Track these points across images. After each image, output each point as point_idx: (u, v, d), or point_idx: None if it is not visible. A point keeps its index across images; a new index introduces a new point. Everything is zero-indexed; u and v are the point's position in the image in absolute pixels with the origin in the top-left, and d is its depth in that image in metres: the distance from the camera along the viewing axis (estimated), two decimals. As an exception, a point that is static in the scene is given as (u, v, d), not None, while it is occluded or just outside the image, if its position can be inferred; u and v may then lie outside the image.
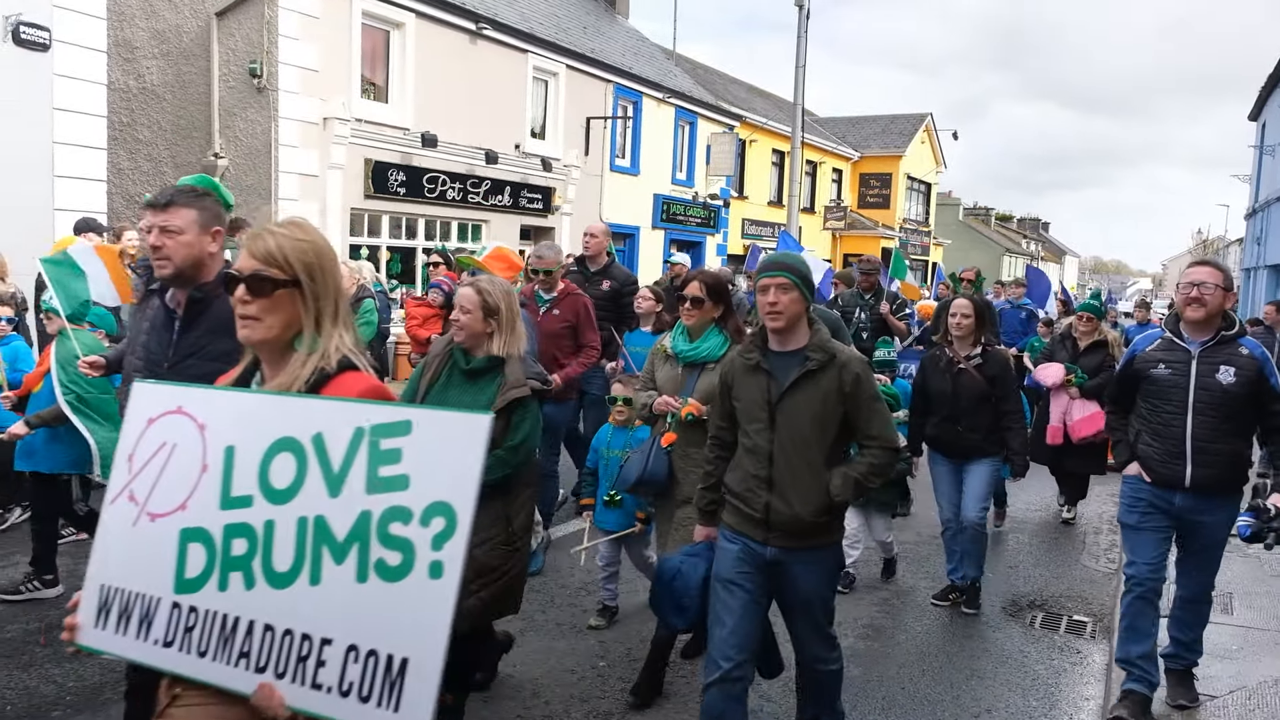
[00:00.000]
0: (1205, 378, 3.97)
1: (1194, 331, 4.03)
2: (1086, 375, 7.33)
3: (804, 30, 20.72)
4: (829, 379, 3.20)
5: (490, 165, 15.84)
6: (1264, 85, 20.82)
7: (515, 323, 3.72)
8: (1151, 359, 4.14)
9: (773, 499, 3.24)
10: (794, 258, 3.36)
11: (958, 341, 5.60)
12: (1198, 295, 3.93)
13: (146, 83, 13.06)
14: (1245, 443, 4.09)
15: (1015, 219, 75.24)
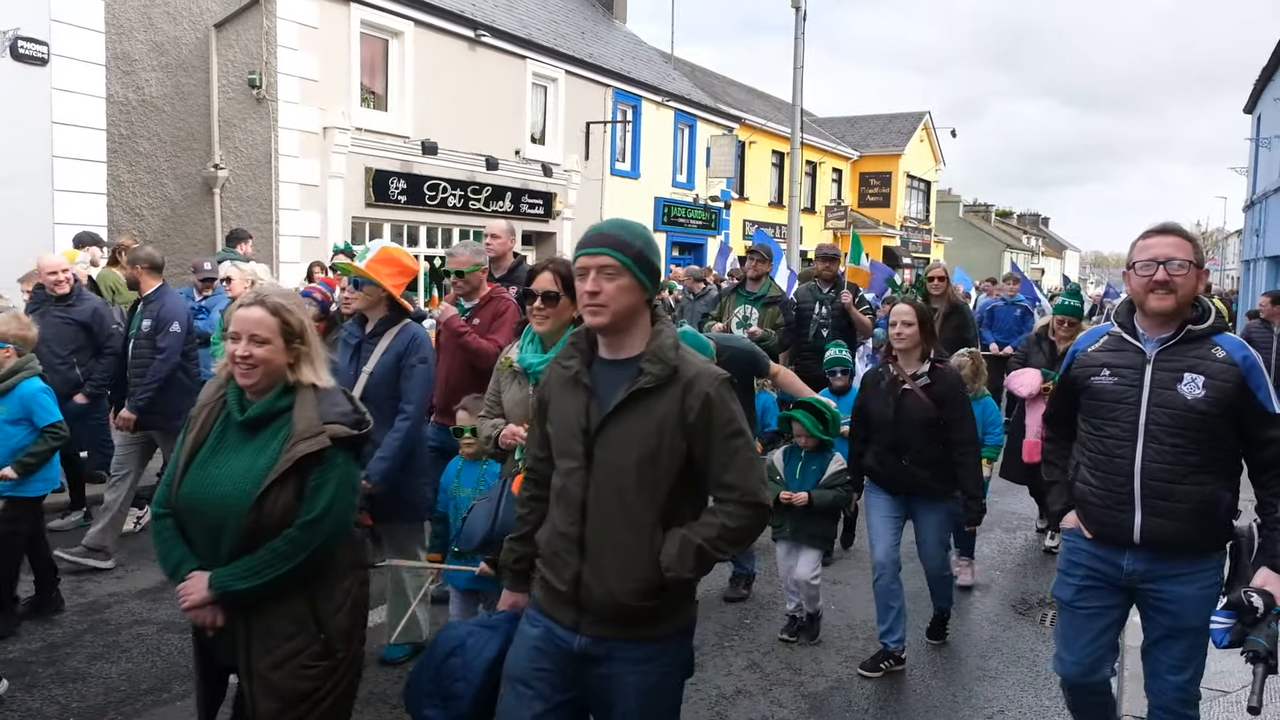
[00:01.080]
0: (1163, 389, 2.92)
1: (1152, 326, 2.99)
2: None
3: (801, 32, 20.73)
4: (668, 402, 2.27)
5: (491, 171, 15.85)
6: (1258, 79, 20.80)
7: (318, 346, 2.70)
8: (1093, 362, 3.09)
9: (585, 569, 2.32)
10: (625, 228, 2.37)
11: (901, 356, 4.63)
12: (1164, 278, 2.88)
13: (146, 95, 13.08)
14: (1221, 482, 2.93)
15: (1016, 215, 75.22)
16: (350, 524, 2.66)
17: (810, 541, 4.97)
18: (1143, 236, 3.00)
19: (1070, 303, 6.86)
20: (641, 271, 2.31)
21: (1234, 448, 2.96)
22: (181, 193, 12.98)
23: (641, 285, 2.31)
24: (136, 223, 13.08)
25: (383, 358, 4.22)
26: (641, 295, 2.32)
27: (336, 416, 2.60)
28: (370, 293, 4.22)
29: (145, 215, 13.15)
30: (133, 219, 13.09)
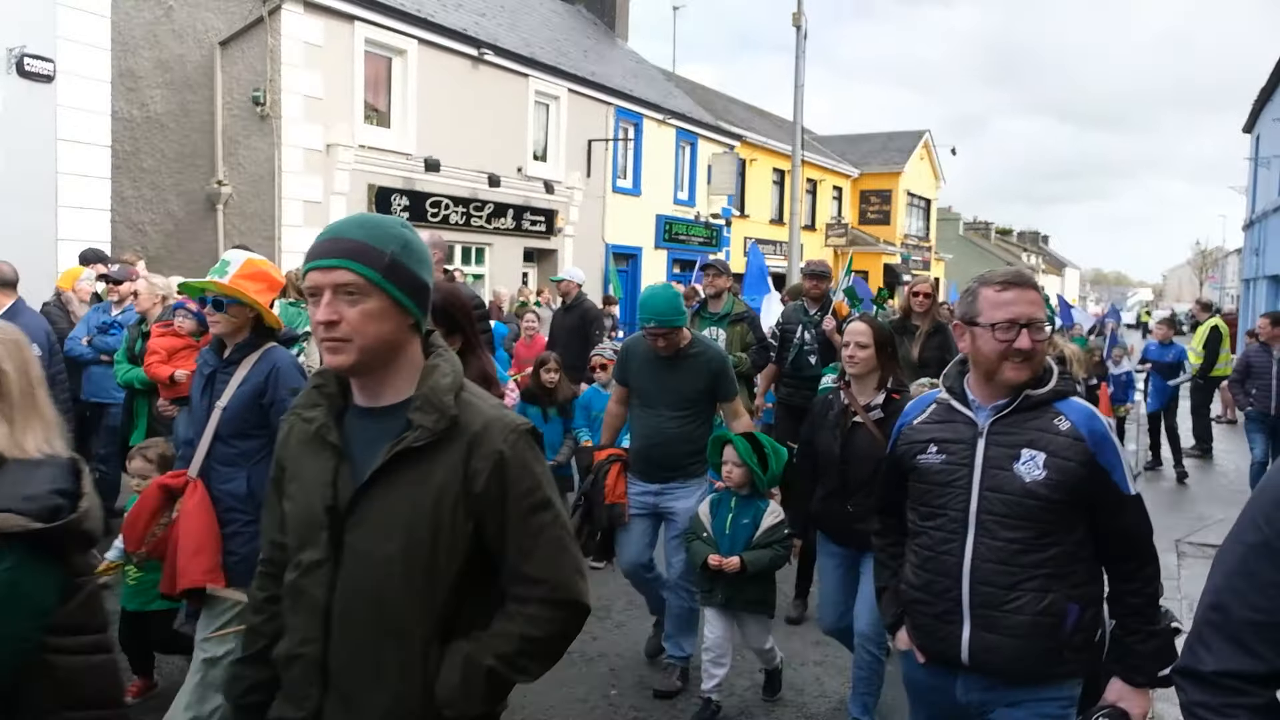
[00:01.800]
0: (996, 469, 2.37)
1: (985, 392, 2.44)
2: None
3: (802, 51, 20.87)
4: (446, 465, 1.66)
5: (493, 188, 15.91)
6: (1257, 98, 20.92)
7: (35, 395, 1.79)
8: (920, 437, 2.54)
9: (329, 705, 1.70)
10: (372, 228, 1.70)
11: (855, 383, 3.98)
12: (1028, 346, 2.35)
13: (150, 112, 13.15)
14: (1068, 589, 2.35)
15: (1015, 233, 75.44)
16: (20, 648, 1.58)
17: (750, 608, 4.25)
18: (995, 287, 2.39)
19: None
20: (399, 288, 1.66)
21: (1085, 543, 2.38)
22: (185, 209, 13.03)
23: (400, 307, 1.67)
24: (139, 239, 13.12)
25: (238, 390, 3.38)
26: (402, 320, 1.68)
27: (17, 502, 1.60)
28: (236, 314, 3.42)
29: (148, 231, 13.20)
30: (136, 235, 13.13)
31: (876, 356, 3.94)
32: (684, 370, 4.51)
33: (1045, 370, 2.45)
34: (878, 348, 3.95)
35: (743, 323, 7.15)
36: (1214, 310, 16.36)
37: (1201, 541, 7.72)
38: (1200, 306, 15.85)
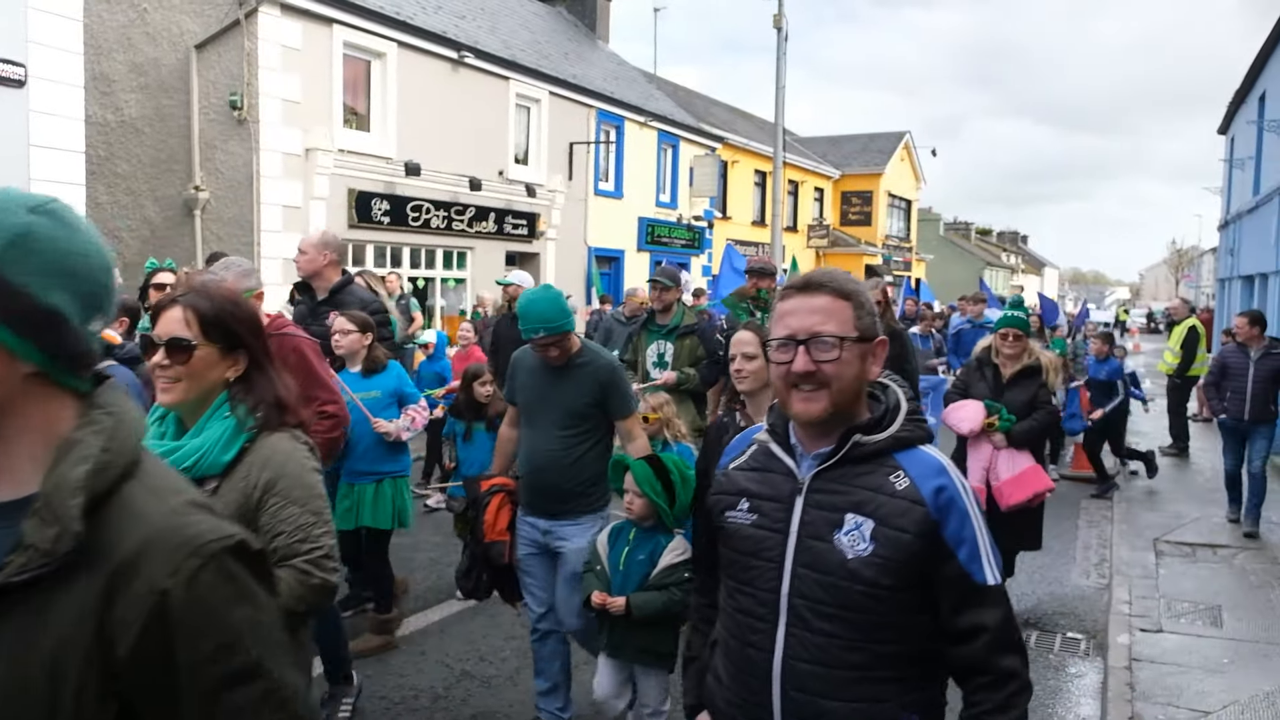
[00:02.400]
0: (813, 541, 1.81)
1: (807, 435, 1.88)
2: (1014, 415, 5.47)
3: (783, 53, 20.94)
4: (69, 614, 0.99)
5: (474, 192, 15.85)
6: (1231, 101, 21.12)
7: None
8: (732, 487, 1.97)
9: None
10: None
11: (749, 402, 3.43)
12: (807, 367, 1.79)
13: (125, 116, 13.02)
14: (904, 695, 1.80)
15: (995, 233, 75.92)
16: None
17: (641, 659, 3.63)
18: (786, 295, 1.87)
19: (1014, 315, 5.85)
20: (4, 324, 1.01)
21: (927, 636, 1.80)
22: (161, 215, 12.91)
23: (7, 352, 1.02)
24: (115, 245, 12.99)
25: None
26: (15, 369, 1.03)
27: None
28: None
29: (124, 238, 13.07)
30: (112, 241, 13.00)
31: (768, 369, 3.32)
32: (570, 382, 3.96)
33: (889, 406, 1.87)
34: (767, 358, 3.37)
35: (692, 335, 6.55)
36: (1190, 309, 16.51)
37: (1179, 540, 7.79)
38: (1182, 303, 15.97)
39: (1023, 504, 5.38)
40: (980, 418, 5.48)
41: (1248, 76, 18.73)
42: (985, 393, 5.61)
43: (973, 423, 5.49)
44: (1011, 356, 5.61)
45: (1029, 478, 5.40)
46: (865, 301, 1.87)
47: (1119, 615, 5.93)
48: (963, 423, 5.56)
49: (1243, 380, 8.13)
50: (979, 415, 5.50)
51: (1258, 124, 17.18)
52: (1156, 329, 44.46)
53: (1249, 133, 18.56)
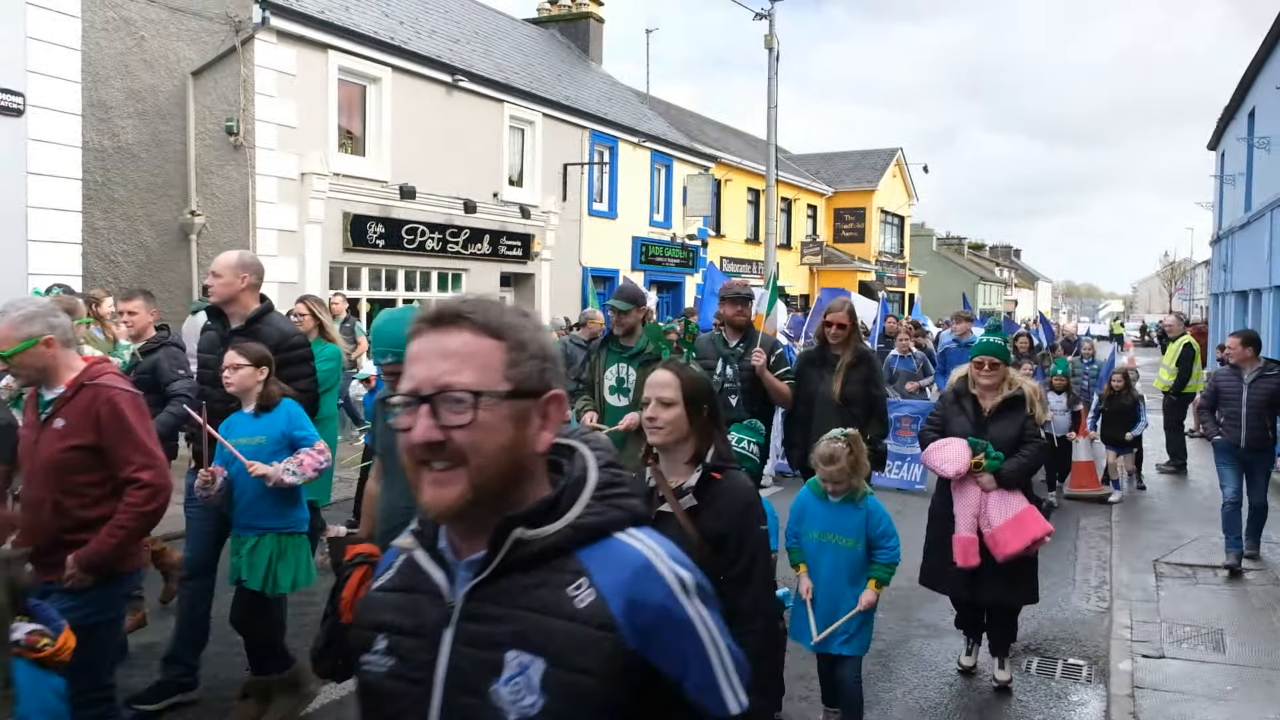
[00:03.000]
0: (466, 694, 1.25)
1: (457, 536, 1.34)
2: (1002, 453, 4.91)
3: (774, 73, 21.07)
4: None
5: (469, 214, 15.89)
6: (1220, 117, 21.30)
7: None
8: (368, 618, 1.41)
9: None
10: None
11: (663, 457, 2.94)
12: (434, 436, 1.25)
13: (122, 142, 13.04)
14: None
15: (988, 247, 76.24)
16: None
17: None
18: (418, 338, 1.34)
19: (989, 341, 5.36)
20: None
21: None
22: (158, 240, 12.92)
23: None
24: (112, 270, 12.99)
25: None
26: None
27: None
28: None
29: (120, 263, 13.07)
30: (108, 266, 13.00)
31: (687, 418, 2.82)
32: None
33: (569, 481, 1.33)
34: (688, 405, 2.82)
35: (657, 362, 5.60)
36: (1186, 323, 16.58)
37: (1179, 561, 7.78)
38: (1177, 320, 16.00)
39: (1022, 551, 4.85)
40: (965, 458, 4.90)
41: (1236, 93, 18.90)
42: (967, 428, 5.07)
43: (958, 464, 4.90)
44: (990, 387, 5.10)
45: (1026, 522, 4.88)
46: (526, 340, 1.33)
47: (1120, 640, 5.92)
48: (946, 464, 4.98)
49: (1237, 404, 7.54)
50: (964, 455, 4.91)
51: (1247, 141, 17.33)
52: (1151, 342, 44.60)
53: (1239, 149, 18.71)
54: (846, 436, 4.20)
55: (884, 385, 6.06)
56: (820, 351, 5.99)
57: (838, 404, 5.63)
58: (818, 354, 5.99)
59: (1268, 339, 14.73)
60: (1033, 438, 5.03)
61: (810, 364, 5.97)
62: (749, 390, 5.86)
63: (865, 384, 5.74)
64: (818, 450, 4.22)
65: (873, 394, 5.78)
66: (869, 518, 4.20)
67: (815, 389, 5.78)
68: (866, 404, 5.74)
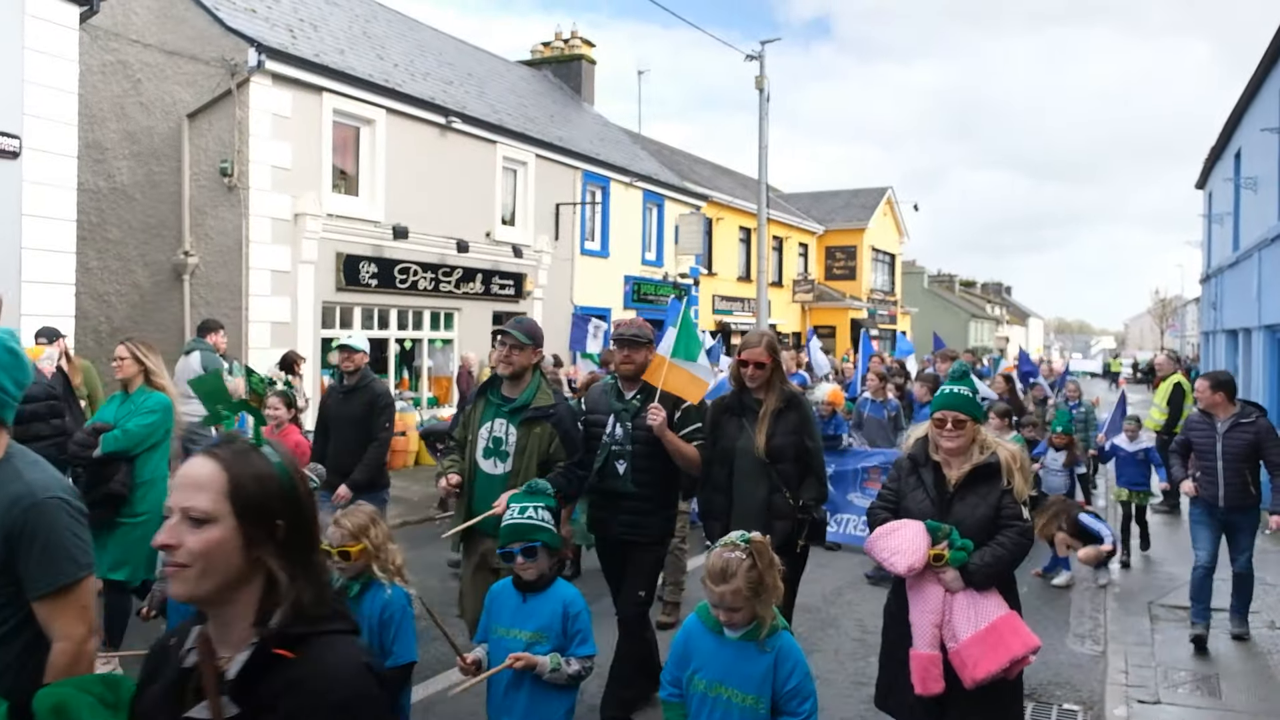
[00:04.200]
0: None
1: None
2: (970, 540, 3.74)
3: (765, 113, 21.31)
4: None
5: (461, 254, 15.95)
6: (1207, 157, 21.57)
7: None
8: None
9: None
10: None
11: (210, 616, 1.70)
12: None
13: (117, 183, 13.11)
14: None
15: (979, 284, 76.71)
16: None
17: None
18: None
19: (954, 391, 3.90)
20: None
21: None
22: (151, 280, 12.93)
23: None
24: (105, 310, 13.00)
25: None
26: None
27: None
28: None
29: (113, 302, 13.07)
30: (101, 306, 13.00)
31: (240, 546, 1.56)
32: None
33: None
34: (242, 521, 1.56)
35: (545, 422, 4.67)
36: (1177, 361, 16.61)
37: (1174, 604, 7.75)
38: (1167, 359, 16.05)
39: (1000, 673, 3.59)
40: (923, 547, 3.66)
41: (1223, 134, 19.14)
42: (926, 508, 3.84)
43: (912, 556, 3.65)
44: (955, 452, 3.84)
45: (1003, 633, 3.63)
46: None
47: (1116, 685, 5.88)
48: (897, 556, 3.68)
49: (1211, 457, 6.53)
50: (920, 543, 3.67)
51: (1234, 181, 17.53)
52: (1143, 380, 44.75)
53: (1226, 189, 18.93)
54: (749, 543, 2.98)
55: (817, 436, 4.86)
56: (738, 398, 4.86)
57: (762, 461, 4.66)
58: (735, 401, 4.85)
59: (1259, 379, 14.80)
60: (1012, 519, 3.76)
61: (727, 414, 4.88)
62: (647, 454, 4.82)
63: (796, 434, 4.70)
64: (707, 562, 3.01)
65: (806, 446, 4.73)
66: (778, 665, 2.96)
67: (734, 444, 4.76)
68: (798, 459, 4.73)
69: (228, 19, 12.41)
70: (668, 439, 4.75)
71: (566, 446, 4.73)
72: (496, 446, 4.72)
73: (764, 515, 4.57)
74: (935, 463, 3.93)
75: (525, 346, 4.75)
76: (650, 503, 4.88)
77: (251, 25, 12.71)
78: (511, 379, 4.80)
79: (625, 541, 4.91)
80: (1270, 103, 14.23)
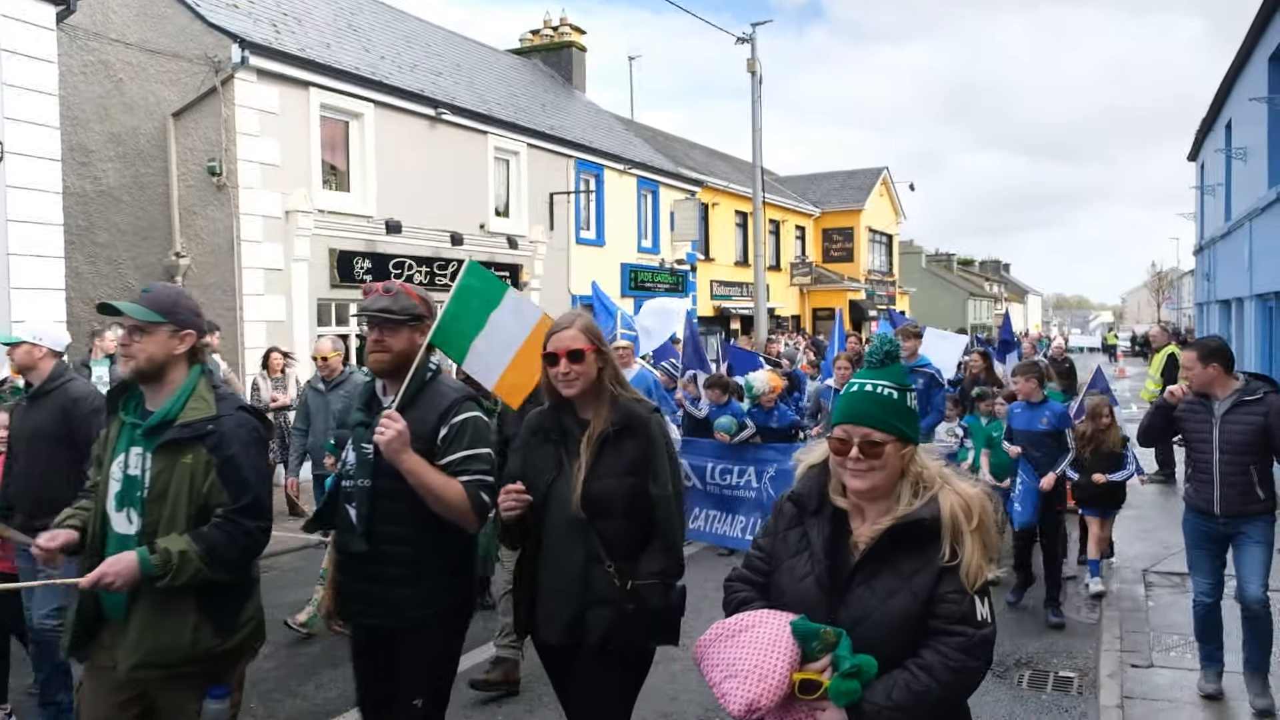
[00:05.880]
0: None
1: None
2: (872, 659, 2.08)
3: (758, 96, 21.25)
4: None
5: (456, 246, 15.94)
6: (1199, 129, 21.51)
7: None
8: None
9: None
10: None
11: None
12: None
13: (103, 185, 13.09)
14: None
15: (977, 263, 76.58)
16: None
17: None
18: None
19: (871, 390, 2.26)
20: None
21: None
22: (143, 282, 12.82)
23: None
24: (97, 315, 12.98)
25: None
26: None
27: None
28: None
29: (106, 305, 13.07)
30: (93, 312, 12.98)
31: None
32: None
33: None
34: None
35: (198, 445, 2.90)
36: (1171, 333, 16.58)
37: (1168, 570, 7.78)
38: (1161, 331, 16.04)
39: None
40: (781, 667, 2.09)
41: (1213, 105, 19.09)
42: (808, 590, 2.23)
43: (760, 684, 2.08)
44: (866, 494, 2.24)
45: None
46: None
47: (1110, 651, 5.90)
48: (732, 682, 2.11)
49: (1205, 450, 4.88)
50: (778, 661, 2.10)
51: (1225, 152, 17.48)
52: (1140, 352, 44.75)
53: (1218, 160, 18.87)
54: None
55: (676, 476, 3.10)
56: (556, 415, 3.15)
57: (578, 519, 2.96)
58: (551, 420, 3.14)
59: (1251, 348, 14.78)
60: (954, 624, 2.11)
61: (539, 437, 3.16)
62: (393, 495, 3.13)
63: (634, 474, 3.02)
64: None
65: (649, 494, 3.02)
66: None
67: (546, 486, 3.05)
68: (632, 513, 3.01)
69: (209, 15, 12.37)
70: (406, 465, 3.04)
71: (228, 483, 2.88)
72: (128, 490, 2.89)
73: (580, 597, 2.95)
74: (836, 510, 2.26)
75: (155, 329, 2.90)
76: (405, 567, 3.12)
77: (234, 21, 12.67)
78: (141, 379, 2.93)
79: (377, 630, 3.21)
80: (1259, 72, 14.18)
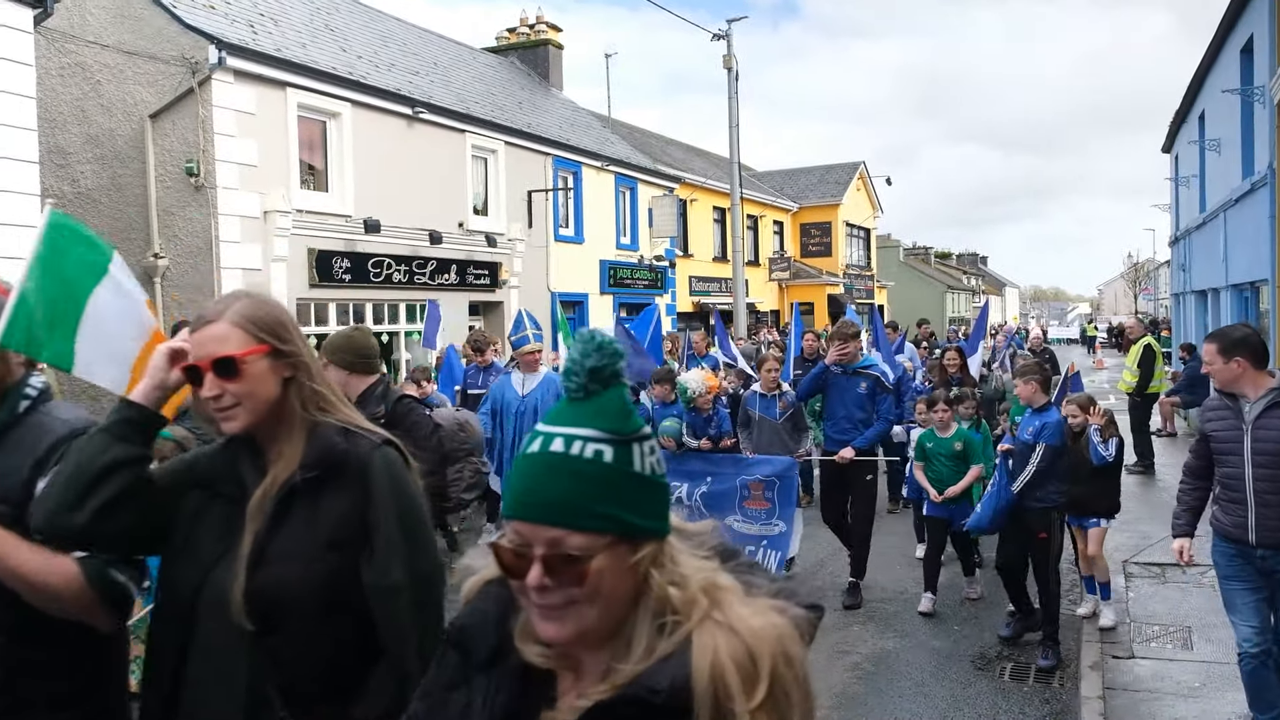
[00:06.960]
0: None
1: None
2: None
3: (734, 92, 21.35)
4: None
5: (435, 245, 15.91)
6: (1172, 120, 21.75)
7: None
8: None
9: None
10: None
11: None
12: None
13: (81, 187, 12.97)
14: None
15: (954, 256, 77.13)
16: None
17: None
18: None
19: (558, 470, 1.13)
20: None
21: None
22: (120, 283, 12.82)
23: None
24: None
25: None
26: None
27: None
28: None
29: (83, 308, 12.95)
30: (71, 312, 12.87)
31: None
32: None
33: None
34: None
35: None
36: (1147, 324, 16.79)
37: (1147, 561, 7.90)
38: (1137, 322, 16.29)
39: None
40: None
41: (1186, 97, 19.31)
42: None
43: None
44: (565, 643, 1.15)
45: None
46: None
47: (1091, 642, 6.01)
48: None
49: (1237, 464, 4.13)
50: None
51: (1199, 143, 17.70)
52: (1115, 344, 45.25)
53: (1192, 152, 19.11)
54: None
55: (429, 553, 1.99)
56: (228, 458, 2.04)
57: (240, 632, 1.83)
58: (225, 466, 2.03)
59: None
60: None
61: (208, 496, 2.01)
62: None
63: (338, 549, 1.90)
64: None
65: (367, 585, 1.91)
66: None
67: (201, 571, 1.92)
68: (332, 618, 1.89)
69: (186, 16, 12.27)
70: None
71: None
72: None
73: None
74: (526, 666, 1.22)
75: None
76: None
77: (210, 22, 12.58)
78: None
79: None
80: (1231, 64, 14.37)
